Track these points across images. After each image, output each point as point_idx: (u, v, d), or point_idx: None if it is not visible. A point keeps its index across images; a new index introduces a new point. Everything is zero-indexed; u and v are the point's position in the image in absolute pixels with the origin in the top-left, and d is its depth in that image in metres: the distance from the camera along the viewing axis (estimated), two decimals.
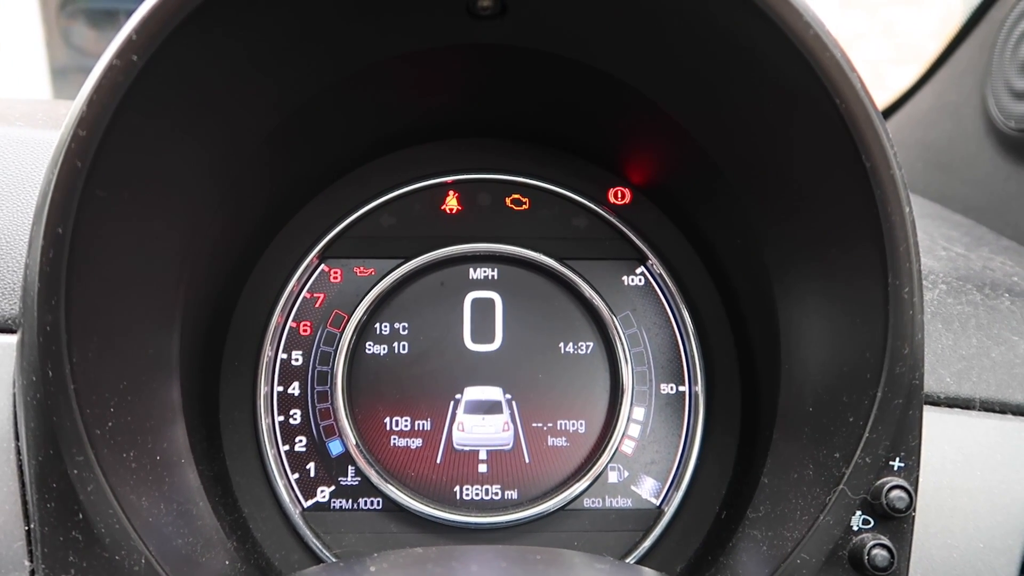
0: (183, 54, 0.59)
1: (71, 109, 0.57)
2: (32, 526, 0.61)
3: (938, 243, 1.15)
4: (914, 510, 0.65)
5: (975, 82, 1.43)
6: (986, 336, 0.94)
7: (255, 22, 0.61)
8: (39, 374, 0.59)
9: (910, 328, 0.63)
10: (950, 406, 0.88)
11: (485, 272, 0.94)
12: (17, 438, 0.69)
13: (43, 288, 0.58)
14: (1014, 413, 0.89)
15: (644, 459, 0.92)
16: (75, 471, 0.60)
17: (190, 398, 0.78)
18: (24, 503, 0.68)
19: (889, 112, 1.74)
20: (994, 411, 0.88)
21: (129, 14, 0.57)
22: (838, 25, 0.58)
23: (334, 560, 0.88)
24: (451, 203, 0.94)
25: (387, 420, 0.91)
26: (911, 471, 0.65)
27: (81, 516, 0.60)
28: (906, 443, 0.65)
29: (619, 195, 0.95)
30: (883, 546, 0.65)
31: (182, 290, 0.73)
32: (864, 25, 5.56)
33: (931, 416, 0.83)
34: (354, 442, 0.89)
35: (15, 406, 0.69)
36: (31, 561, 0.63)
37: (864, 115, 0.60)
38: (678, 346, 0.94)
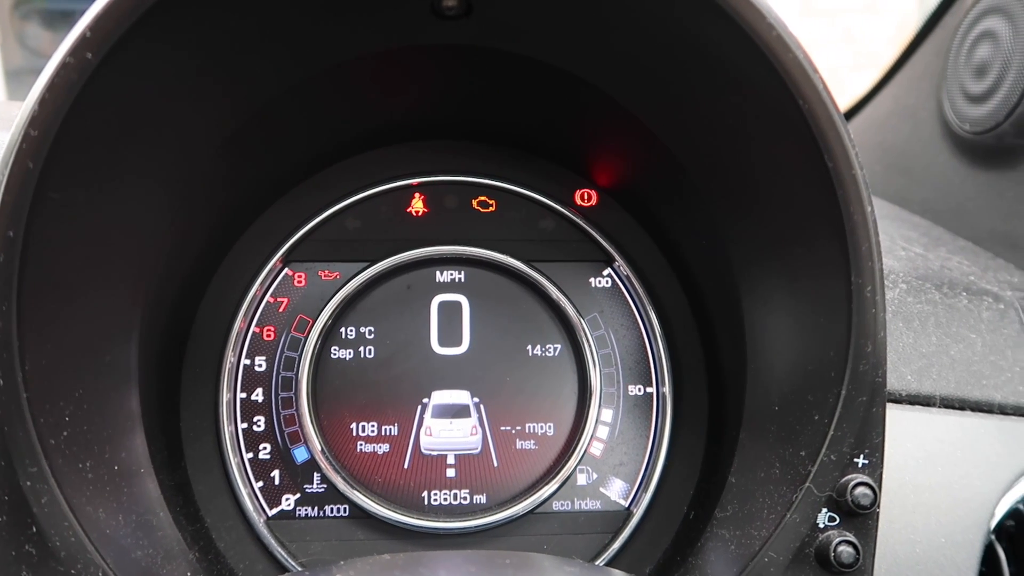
0: (139, 52, 0.57)
1: (22, 108, 0.56)
2: None
3: (897, 243, 1.17)
4: (879, 506, 0.66)
5: (931, 86, 1.46)
6: (945, 334, 0.96)
7: (214, 20, 0.60)
8: None
9: (873, 326, 0.64)
10: (911, 403, 0.89)
11: (452, 275, 0.93)
12: None
13: None
14: (973, 409, 0.90)
15: (612, 461, 0.92)
16: (28, 483, 0.58)
17: (149, 406, 0.76)
18: None
19: (848, 116, 1.77)
20: (954, 408, 0.90)
21: None
22: (798, 32, 0.59)
23: (299, 569, 0.86)
24: (417, 205, 0.94)
25: (353, 426, 0.90)
26: (875, 468, 0.66)
27: (35, 529, 0.58)
28: (870, 440, 0.66)
29: (586, 197, 0.95)
30: (849, 543, 0.65)
31: (140, 295, 0.71)
32: (824, 32, 5.67)
33: (893, 413, 0.84)
34: (320, 448, 0.88)
35: None
36: None
37: (826, 115, 0.61)
38: (645, 347, 0.94)
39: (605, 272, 0.95)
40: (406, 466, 0.90)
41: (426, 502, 0.90)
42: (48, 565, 0.59)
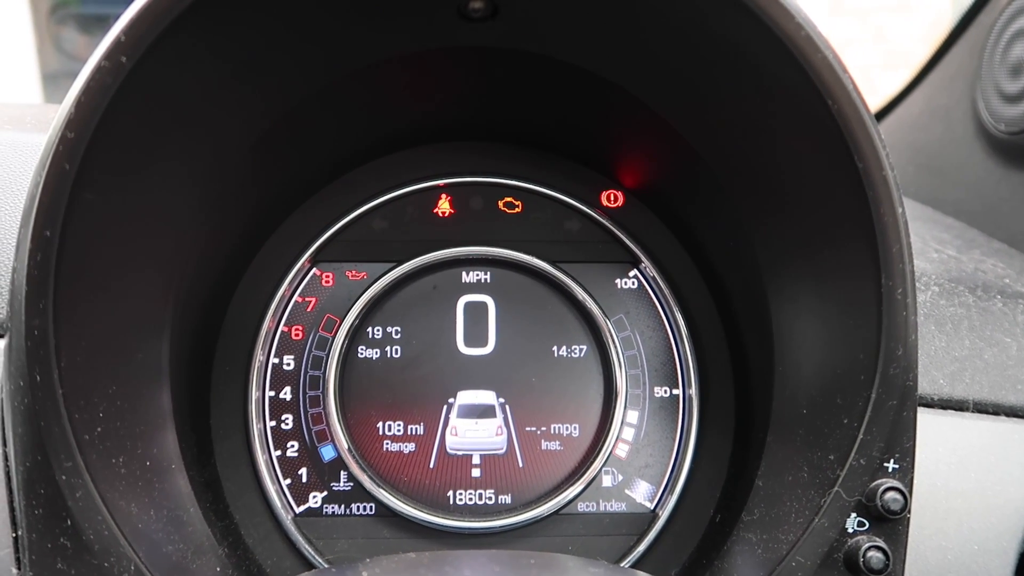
0: (172, 56, 0.58)
1: (59, 111, 0.57)
2: (20, 533, 0.61)
3: (930, 245, 1.15)
4: (909, 512, 0.65)
5: (965, 86, 1.43)
6: (979, 338, 0.94)
7: (246, 23, 0.61)
8: (27, 379, 0.58)
9: (904, 329, 0.63)
10: (943, 408, 0.88)
11: (478, 275, 0.93)
12: (4, 444, 0.68)
13: (31, 292, 0.57)
14: (1007, 415, 0.89)
15: (638, 463, 0.92)
16: (63, 477, 0.59)
17: (180, 403, 0.77)
18: (11, 509, 0.67)
19: (880, 116, 1.75)
20: (987, 413, 0.88)
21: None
22: (829, 31, 0.59)
23: (326, 566, 0.87)
24: (443, 206, 0.94)
25: (380, 425, 0.91)
26: (906, 473, 0.65)
27: (70, 522, 0.60)
28: (900, 445, 0.65)
29: (612, 198, 0.95)
30: (878, 548, 0.64)
31: (172, 294, 0.72)
32: (855, 31, 5.60)
33: (925, 418, 0.83)
34: (346, 447, 0.89)
35: (2, 411, 0.68)
36: (19, 568, 0.62)
37: (856, 116, 0.60)
38: (672, 349, 0.93)
39: (631, 273, 0.94)
40: (432, 465, 0.91)
41: (451, 501, 0.90)
42: (82, 558, 0.60)
